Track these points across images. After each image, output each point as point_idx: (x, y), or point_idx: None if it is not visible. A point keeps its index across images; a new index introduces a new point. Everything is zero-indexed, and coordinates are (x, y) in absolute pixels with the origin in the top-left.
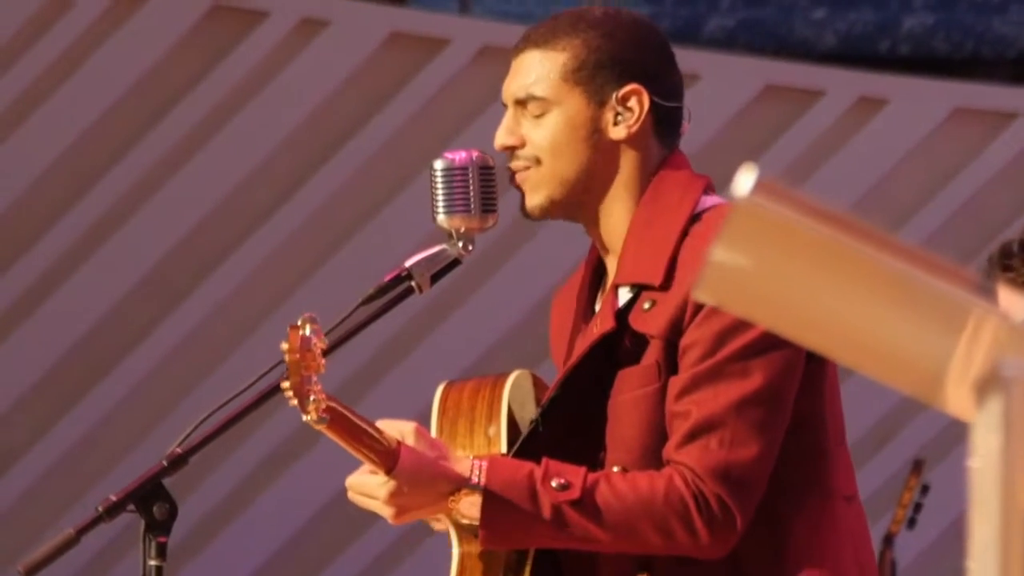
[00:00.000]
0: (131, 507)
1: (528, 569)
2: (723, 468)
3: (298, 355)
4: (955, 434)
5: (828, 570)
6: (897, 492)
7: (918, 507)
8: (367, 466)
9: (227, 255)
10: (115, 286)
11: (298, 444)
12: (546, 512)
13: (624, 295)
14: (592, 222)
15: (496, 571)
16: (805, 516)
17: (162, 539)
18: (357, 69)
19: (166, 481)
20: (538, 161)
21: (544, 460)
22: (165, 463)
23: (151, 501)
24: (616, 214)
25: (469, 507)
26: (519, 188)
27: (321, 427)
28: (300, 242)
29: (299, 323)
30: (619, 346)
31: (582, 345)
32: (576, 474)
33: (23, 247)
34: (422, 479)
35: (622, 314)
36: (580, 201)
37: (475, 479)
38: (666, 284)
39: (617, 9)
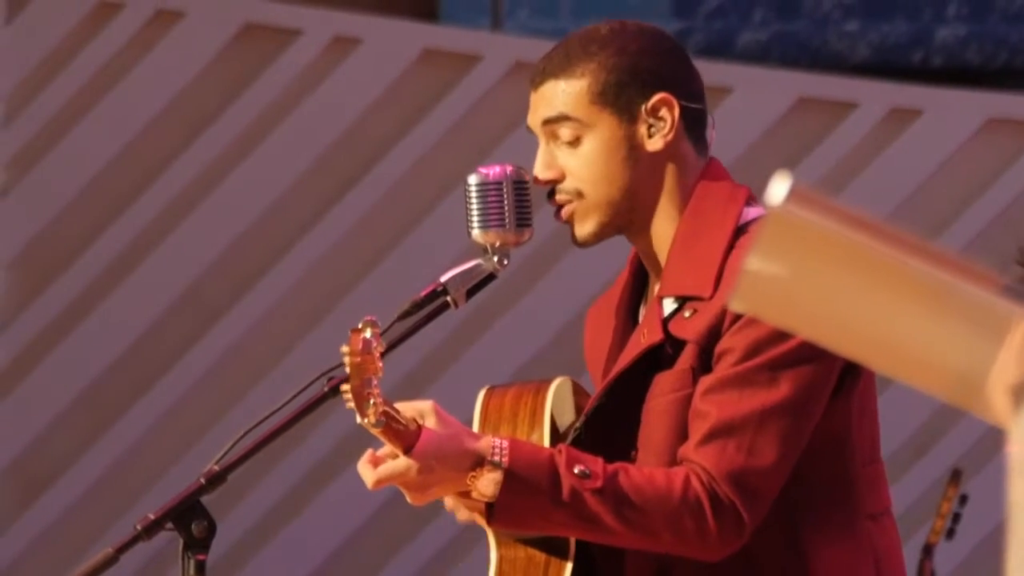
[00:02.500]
0: (169, 525)
1: (567, 573)
2: (738, 473)
3: (359, 358)
4: (993, 444)
5: None
6: (935, 502)
7: (956, 517)
8: (386, 446)
9: (265, 272)
10: (153, 304)
11: (338, 460)
12: (566, 497)
13: (669, 306)
14: (638, 234)
15: (536, 573)
16: (826, 535)
17: (201, 557)
18: (390, 86)
19: (205, 499)
20: (580, 194)
21: (562, 446)
22: (203, 481)
23: (189, 519)
24: (661, 225)
25: (488, 484)
26: (567, 222)
27: (376, 430)
28: (337, 258)
29: (360, 326)
30: (661, 354)
31: (628, 355)
32: (596, 463)
33: (62, 266)
34: (441, 457)
35: (665, 323)
36: (628, 219)
37: (497, 456)
38: (712, 296)
39: (621, 22)
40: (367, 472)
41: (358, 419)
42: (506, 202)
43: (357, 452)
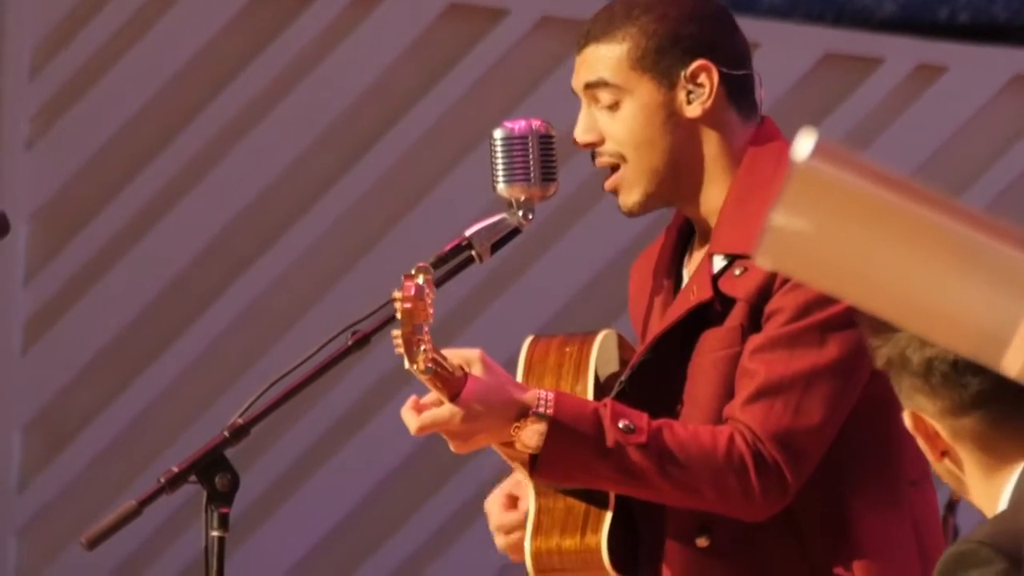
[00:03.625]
0: (193, 478)
1: (607, 524)
2: (784, 433)
3: (411, 304)
4: None
5: (888, 556)
6: None
7: None
8: (431, 393)
9: (290, 225)
10: (177, 257)
11: (361, 414)
12: (610, 451)
13: (718, 263)
14: (689, 202)
15: (574, 526)
16: (869, 500)
17: (224, 510)
18: (416, 41)
19: (228, 452)
20: (623, 158)
21: (607, 400)
22: (227, 434)
23: (213, 472)
24: (711, 191)
25: (532, 435)
26: (613, 191)
27: (424, 377)
28: (360, 214)
29: (412, 272)
30: (709, 311)
31: (676, 310)
32: (640, 418)
33: (86, 218)
34: (487, 405)
35: (715, 281)
36: (673, 187)
37: (542, 408)
38: None
39: None
40: (411, 418)
41: (407, 365)
42: (531, 156)
43: (381, 407)
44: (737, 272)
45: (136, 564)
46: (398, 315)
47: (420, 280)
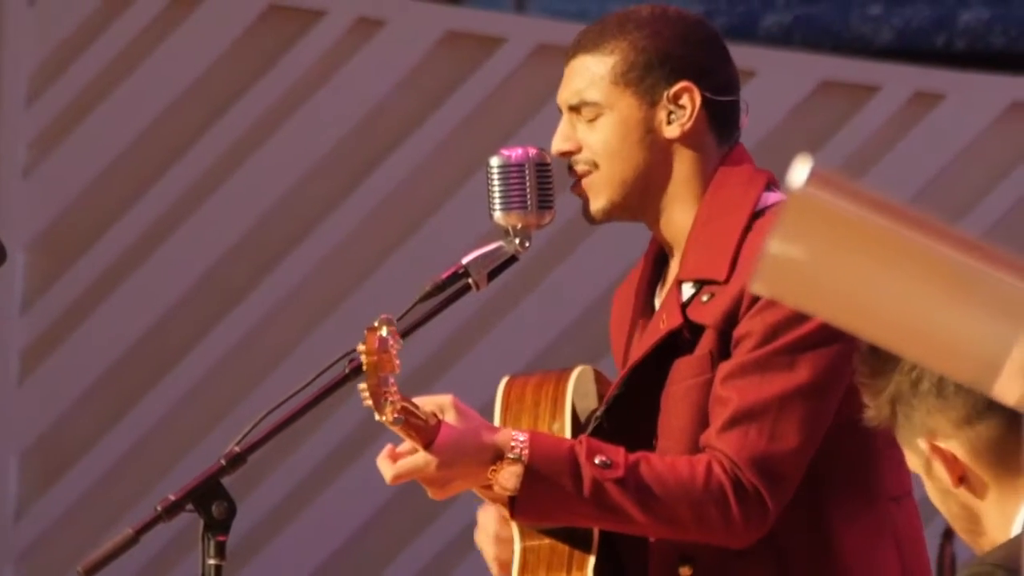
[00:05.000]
0: (190, 506)
1: (592, 563)
2: (761, 459)
3: (375, 357)
4: None
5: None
6: None
7: None
8: (406, 442)
9: (286, 254)
10: (174, 285)
11: (357, 442)
12: (587, 489)
13: (687, 291)
14: (654, 221)
15: (559, 564)
16: (849, 516)
17: (221, 538)
18: (413, 68)
19: (225, 480)
20: (595, 165)
21: (583, 438)
22: (223, 462)
23: (210, 500)
24: (678, 212)
25: (509, 478)
26: (581, 195)
27: (395, 427)
28: (358, 241)
29: (376, 324)
30: (679, 339)
31: (647, 341)
32: (617, 452)
33: (83, 247)
34: (461, 451)
35: (683, 308)
36: (641, 202)
37: (517, 450)
38: (729, 279)
39: (664, 7)
40: (386, 467)
41: (376, 416)
42: (528, 184)
43: (377, 435)
44: (704, 299)
45: None
46: (364, 368)
47: (384, 332)
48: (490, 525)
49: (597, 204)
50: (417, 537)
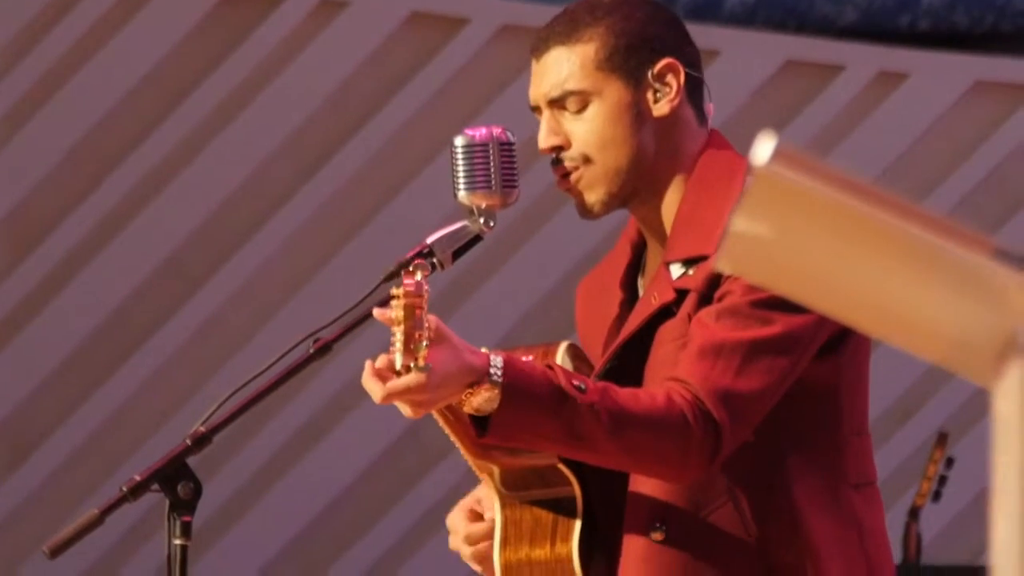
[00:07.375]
0: (155, 487)
1: (576, 533)
2: (724, 392)
3: (412, 300)
4: (979, 406)
5: (836, 552)
6: (922, 465)
7: (943, 480)
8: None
9: (249, 236)
10: (137, 270)
11: (323, 423)
12: (564, 408)
13: (676, 270)
14: (643, 205)
15: (543, 536)
16: (810, 500)
17: (187, 518)
18: (376, 50)
19: (191, 460)
20: (588, 159)
21: (552, 363)
22: (189, 442)
23: (175, 480)
24: (665, 192)
25: (485, 400)
26: (572, 191)
27: (421, 374)
28: (322, 222)
29: (411, 268)
30: (668, 315)
31: (637, 317)
32: (586, 381)
33: (44, 232)
34: (448, 373)
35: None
36: (634, 187)
37: (495, 374)
38: (715, 252)
39: None
40: (375, 386)
41: (399, 362)
42: (492, 164)
43: (343, 414)
44: (691, 272)
45: (99, 573)
46: (395, 312)
47: (419, 276)
48: (460, 527)
49: (595, 197)
50: (384, 515)
